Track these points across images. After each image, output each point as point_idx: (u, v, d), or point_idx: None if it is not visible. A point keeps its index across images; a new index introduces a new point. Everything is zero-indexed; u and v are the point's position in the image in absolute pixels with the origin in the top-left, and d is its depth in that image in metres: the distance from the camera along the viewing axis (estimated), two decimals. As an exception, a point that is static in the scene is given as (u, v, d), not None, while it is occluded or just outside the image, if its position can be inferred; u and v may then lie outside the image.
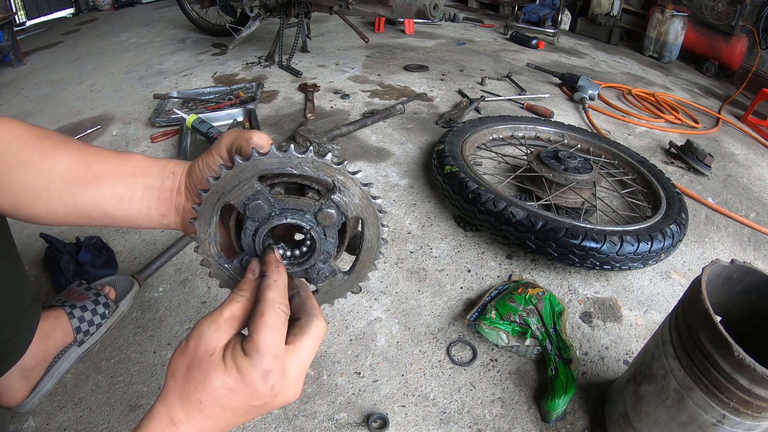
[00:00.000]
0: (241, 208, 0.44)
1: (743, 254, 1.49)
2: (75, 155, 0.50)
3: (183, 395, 0.40)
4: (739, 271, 0.75)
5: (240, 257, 0.48)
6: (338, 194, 0.44)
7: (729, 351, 0.60)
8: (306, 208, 0.44)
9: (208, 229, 0.46)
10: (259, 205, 0.43)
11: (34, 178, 0.49)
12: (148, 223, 0.52)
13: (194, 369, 0.40)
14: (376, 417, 0.89)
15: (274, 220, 0.44)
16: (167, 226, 0.52)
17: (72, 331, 0.95)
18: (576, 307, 1.20)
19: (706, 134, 2.32)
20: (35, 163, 0.49)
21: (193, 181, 0.50)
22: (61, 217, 0.51)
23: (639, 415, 0.78)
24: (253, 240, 0.45)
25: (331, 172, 0.43)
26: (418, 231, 1.42)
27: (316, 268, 0.48)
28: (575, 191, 1.46)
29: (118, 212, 0.51)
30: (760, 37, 3.10)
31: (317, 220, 0.45)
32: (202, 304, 1.13)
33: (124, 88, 2.42)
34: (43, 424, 0.87)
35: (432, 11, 2.19)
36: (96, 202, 0.50)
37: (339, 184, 0.44)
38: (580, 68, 3.13)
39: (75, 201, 0.50)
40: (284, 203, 0.44)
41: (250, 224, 0.44)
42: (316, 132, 1.84)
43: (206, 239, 0.46)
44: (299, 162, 0.43)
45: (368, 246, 0.48)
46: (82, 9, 4.31)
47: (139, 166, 0.51)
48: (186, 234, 0.53)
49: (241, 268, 0.49)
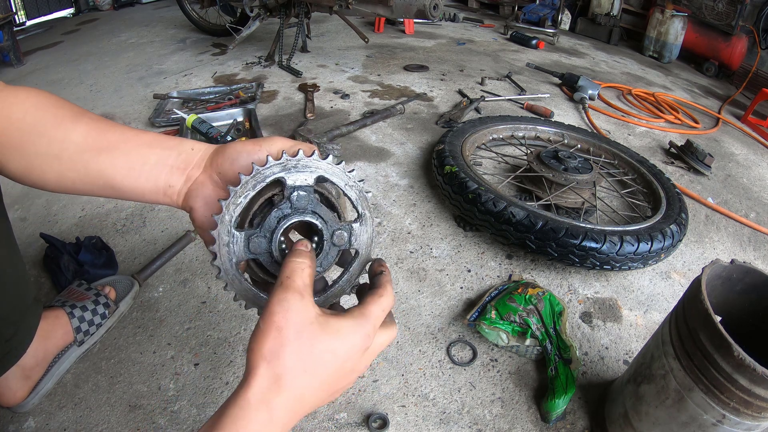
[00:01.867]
0: (289, 190, 0.46)
1: (743, 254, 1.49)
2: (91, 125, 0.51)
3: (280, 374, 0.38)
4: (739, 271, 0.75)
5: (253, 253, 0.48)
6: (359, 225, 0.49)
7: (729, 351, 0.60)
8: (329, 221, 0.48)
9: (235, 209, 0.45)
10: (304, 197, 0.46)
11: (47, 145, 0.50)
12: (152, 194, 0.52)
13: (293, 341, 0.38)
14: (376, 417, 0.90)
15: (306, 215, 0.47)
16: (169, 197, 0.52)
17: (72, 331, 0.95)
18: (576, 307, 1.20)
19: (706, 134, 2.32)
20: (50, 130, 0.50)
21: (223, 157, 0.50)
22: (69, 183, 0.51)
23: (639, 415, 0.78)
24: (278, 222, 0.46)
25: (365, 204, 0.49)
26: (418, 231, 1.42)
27: None
28: (575, 191, 1.46)
29: (126, 181, 0.51)
30: (760, 37, 3.10)
31: (332, 236, 0.48)
32: (202, 304, 1.13)
33: (124, 88, 2.42)
34: (43, 424, 0.87)
35: (432, 11, 2.19)
36: (106, 170, 0.50)
37: (364, 218, 0.49)
38: (580, 68, 3.13)
39: (86, 168, 0.50)
40: (318, 207, 0.47)
41: (286, 207, 0.46)
42: (316, 132, 1.84)
43: (229, 220, 0.45)
44: (352, 184, 0.48)
45: (348, 278, 0.51)
46: (82, 9, 4.31)
47: (155, 137, 0.52)
48: (183, 209, 0.53)
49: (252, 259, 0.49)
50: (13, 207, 1.46)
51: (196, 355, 1.01)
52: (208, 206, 0.51)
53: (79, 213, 1.44)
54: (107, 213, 1.44)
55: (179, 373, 0.97)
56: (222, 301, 1.14)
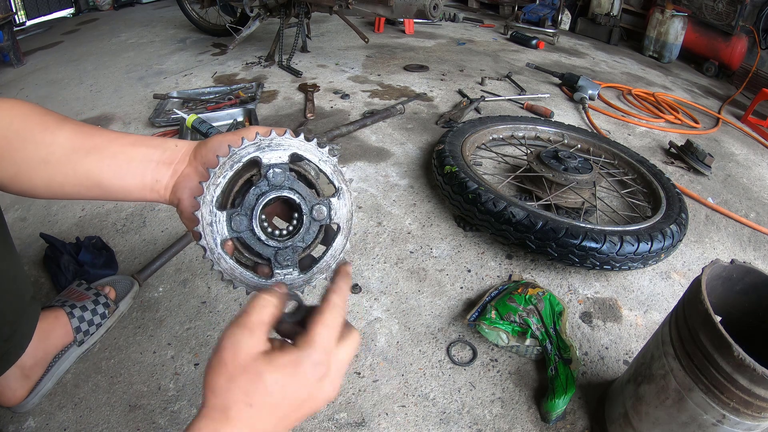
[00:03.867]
0: (265, 168, 0.47)
1: (743, 254, 1.49)
2: (75, 129, 0.52)
3: (228, 406, 0.39)
4: (739, 271, 0.75)
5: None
6: (336, 198, 0.50)
7: (729, 351, 0.60)
8: (307, 196, 0.49)
9: (215, 189, 0.47)
10: (280, 173, 0.48)
11: (33, 150, 0.50)
12: (139, 191, 0.52)
13: (238, 377, 0.39)
14: None
15: (284, 190, 0.48)
16: (156, 192, 0.53)
17: (72, 331, 0.95)
18: (576, 307, 1.20)
19: (706, 134, 2.32)
20: (36, 136, 0.50)
21: (206, 149, 0.52)
22: (58, 187, 0.52)
23: (639, 415, 0.78)
24: (256, 199, 0.47)
25: (341, 179, 0.50)
26: (418, 231, 1.42)
27: (284, 255, 0.50)
28: (575, 191, 1.46)
29: (114, 180, 0.52)
30: (760, 37, 3.10)
31: (311, 210, 0.50)
32: (202, 304, 1.13)
33: (124, 88, 2.42)
34: (43, 424, 0.87)
35: (432, 11, 2.19)
36: (93, 170, 0.51)
37: (341, 191, 0.50)
38: (580, 68, 3.13)
39: (74, 170, 0.51)
40: (295, 184, 0.49)
41: (263, 185, 0.48)
42: (316, 132, 1.84)
43: (210, 200, 0.47)
44: (325, 159, 0.50)
45: (332, 254, 0.52)
46: (82, 9, 4.31)
47: (139, 137, 0.54)
48: (170, 203, 0.54)
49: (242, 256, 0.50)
50: (13, 207, 1.46)
51: (196, 355, 1.01)
52: (193, 198, 0.52)
53: (79, 213, 1.44)
54: (107, 213, 1.44)
55: (179, 373, 0.97)
56: (222, 301, 1.14)
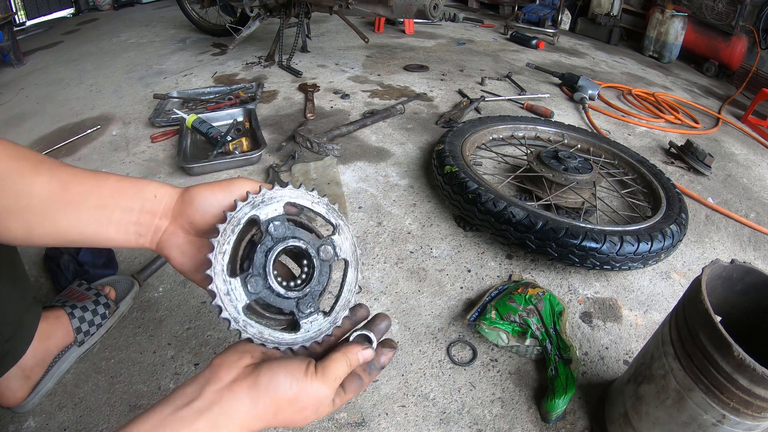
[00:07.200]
0: (265, 224, 0.49)
1: (743, 254, 1.49)
2: (52, 176, 0.50)
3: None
4: (739, 271, 0.75)
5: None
6: (337, 235, 0.52)
7: (729, 351, 0.60)
8: (311, 241, 0.51)
9: (223, 257, 0.47)
10: (279, 225, 0.49)
11: (13, 199, 0.48)
12: (125, 243, 0.52)
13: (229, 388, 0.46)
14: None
15: (288, 241, 0.49)
16: (143, 245, 0.53)
17: (72, 331, 0.95)
18: (576, 307, 1.20)
19: (706, 134, 2.32)
20: (13, 184, 0.48)
21: (192, 208, 0.52)
22: (38, 238, 0.50)
23: (639, 415, 0.78)
24: (265, 257, 0.48)
25: (336, 215, 0.53)
26: (418, 231, 1.42)
27: (305, 302, 0.50)
28: (575, 191, 1.46)
29: (96, 235, 0.51)
30: (760, 37, 3.10)
31: (318, 252, 0.51)
32: (202, 304, 1.13)
33: (124, 88, 2.42)
34: (43, 424, 0.87)
35: (432, 11, 2.19)
36: (74, 226, 0.50)
37: (339, 227, 0.52)
38: (580, 68, 3.13)
39: (54, 223, 0.50)
40: (297, 232, 0.50)
41: (268, 241, 0.48)
42: (316, 132, 1.84)
43: (221, 269, 0.47)
44: (317, 201, 0.52)
45: (348, 288, 0.53)
46: (82, 9, 4.31)
47: (115, 187, 0.52)
48: (161, 254, 0.55)
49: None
50: (13, 207, 1.46)
51: (196, 355, 1.01)
52: (183, 255, 0.53)
53: (79, 213, 1.44)
54: (107, 213, 1.44)
55: (179, 373, 0.97)
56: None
